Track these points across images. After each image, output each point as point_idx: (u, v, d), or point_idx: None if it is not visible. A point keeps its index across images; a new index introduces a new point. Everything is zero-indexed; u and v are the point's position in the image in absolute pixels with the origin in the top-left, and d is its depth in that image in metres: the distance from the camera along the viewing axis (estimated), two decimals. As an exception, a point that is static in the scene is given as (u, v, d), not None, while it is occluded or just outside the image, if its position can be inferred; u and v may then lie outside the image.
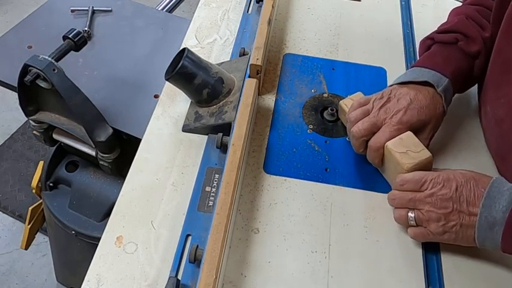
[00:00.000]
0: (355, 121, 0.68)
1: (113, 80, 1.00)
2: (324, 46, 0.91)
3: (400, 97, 0.68)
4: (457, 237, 0.59)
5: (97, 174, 1.04)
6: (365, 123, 0.67)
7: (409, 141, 0.65)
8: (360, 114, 0.69)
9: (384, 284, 0.60)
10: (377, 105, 0.69)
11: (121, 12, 1.15)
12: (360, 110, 0.69)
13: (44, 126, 0.96)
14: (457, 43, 0.74)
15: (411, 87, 0.70)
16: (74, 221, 1.03)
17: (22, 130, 1.95)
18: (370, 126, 0.67)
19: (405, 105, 0.67)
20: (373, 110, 0.68)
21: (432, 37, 0.77)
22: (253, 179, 0.69)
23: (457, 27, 0.74)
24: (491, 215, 0.57)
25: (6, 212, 1.71)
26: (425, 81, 0.70)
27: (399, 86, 0.71)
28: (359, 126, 0.67)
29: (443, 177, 0.60)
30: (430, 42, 0.77)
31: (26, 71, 0.81)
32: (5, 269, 1.59)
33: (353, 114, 0.69)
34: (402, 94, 0.69)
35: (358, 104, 0.71)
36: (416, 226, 0.61)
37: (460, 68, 0.73)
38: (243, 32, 0.92)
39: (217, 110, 0.75)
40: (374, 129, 0.67)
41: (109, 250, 0.60)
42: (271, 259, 0.61)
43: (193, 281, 0.57)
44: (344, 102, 0.74)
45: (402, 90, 0.69)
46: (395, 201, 0.63)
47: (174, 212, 0.64)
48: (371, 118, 0.68)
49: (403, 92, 0.69)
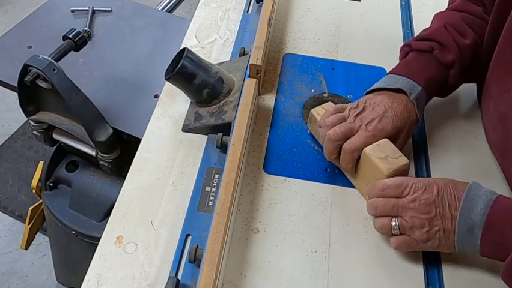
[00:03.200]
0: (331, 125, 0.68)
1: (113, 80, 1.00)
2: (324, 46, 0.91)
3: (375, 106, 0.69)
4: (440, 243, 0.59)
5: (97, 174, 1.04)
6: (342, 127, 0.67)
7: (387, 147, 0.65)
8: (337, 120, 0.68)
9: (384, 284, 0.60)
10: (353, 114, 0.69)
11: (121, 12, 1.15)
12: (336, 116, 0.69)
13: (44, 126, 0.96)
14: (432, 52, 0.74)
15: (386, 94, 0.71)
16: (74, 221, 1.03)
17: (22, 130, 1.95)
18: (346, 131, 0.67)
19: (380, 113, 0.68)
20: (349, 118, 0.69)
21: (410, 44, 0.77)
22: (253, 179, 0.69)
23: (434, 36, 0.74)
24: (470, 218, 0.57)
25: (6, 212, 1.71)
26: (398, 88, 0.70)
27: (374, 95, 0.71)
28: (336, 130, 0.67)
29: (424, 182, 0.60)
30: (408, 49, 0.77)
31: (26, 71, 0.81)
32: (5, 269, 1.59)
33: (328, 119, 0.69)
34: (376, 103, 0.69)
35: (334, 110, 0.70)
36: (400, 235, 0.60)
37: (433, 77, 0.73)
38: (243, 32, 0.93)
39: (217, 110, 0.75)
40: (350, 134, 0.67)
41: (109, 250, 0.60)
42: (271, 259, 0.61)
43: (193, 281, 0.57)
44: (316, 111, 0.73)
45: (377, 99, 0.70)
46: (378, 210, 0.61)
47: (174, 212, 0.64)
48: (347, 124, 0.68)
49: (378, 101, 0.69)
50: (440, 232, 0.58)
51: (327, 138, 0.67)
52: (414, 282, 0.60)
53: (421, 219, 0.58)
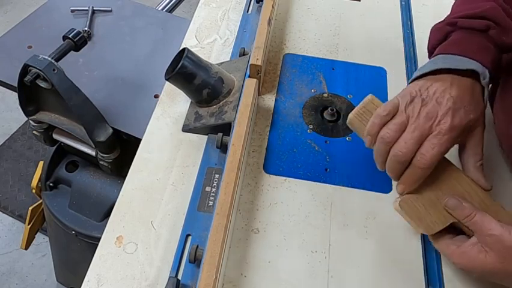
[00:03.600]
0: (392, 141, 0.55)
1: (113, 80, 1.00)
2: (324, 46, 0.91)
3: (438, 96, 0.55)
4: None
5: (97, 174, 1.05)
6: (409, 142, 0.54)
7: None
8: (396, 131, 0.55)
9: (384, 284, 0.60)
10: (413, 113, 0.55)
11: (121, 12, 1.15)
12: (394, 125, 0.55)
13: (44, 126, 0.96)
14: (488, 31, 0.62)
15: (445, 80, 0.57)
16: (74, 221, 1.03)
17: (22, 130, 1.95)
18: (416, 143, 0.54)
19: (450, 105, 0.54)
20: (410, 121, 0.55)
21: (455, 22, 0.65)
22: (253, 179, 0.69)
23: (488, 14, 0.62)
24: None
25: (6, 212, 1.71)
26: (470, 70, 0.58)
27: (427, 81, 0.57)
28: (403, 149, 0.54)
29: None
30: (450, 28, 0.65)
31: (26, 71, 0.81)
32: (5, 269, 1.59)
33: (387, 133, 0.55)
34: (438, 91, 0.56)
35: (384, 114, 0.57)
36: None
37: (494, 60, 0.61)
38: (243, 32, 0.92)
39: (217, 110, 0.75)
40: (420, 144, 0.54)
41: (109, 250, 0.60)
42: (271, 259, 0.61)
43: (193, 281, 0.57)
44: (358, 114, 0.60)
45: (435, 87, 0.56)
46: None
47: (174, 212, 0.64)
48: (414, 133, 0.54)
49: (438, 89, 0.56)
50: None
51: (395, 159, 0.55)
52: (415, 282, 0.60)
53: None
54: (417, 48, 0.91)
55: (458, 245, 0.54)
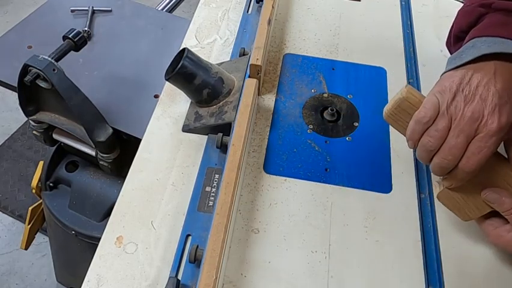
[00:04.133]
0: (436, 149, 0.52)
1: (113, 80, 1.00)
2: (324, 46, 0.91)
3: (482, 91, 0.50)
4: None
5: (97, 174, 1.04)
6: (453, 149, 0.50)
7: None
8: (439, 138, 0.51)
9: (384, 284, 0.60)
10: (456, 113, 0.50)
11: (121, 12, 1.15)
12: (436, 132, 0.51)
13: (44, 126, 0.96)
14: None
15: (487, 69, 0.52)
16: (74, 221, 1.03)
17: (22, 130, 1.95)
18: (462, 149, 0.51)
19: (496, 102, 0.49)
20: (454, 123, 0.50)
21: (489, 4, 0.59)
22: (253, 179, 0.69)
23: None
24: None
25: (6, 212, 1.71)
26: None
27: (466, 72, 0.52)
28: (448, 156, 0.51)
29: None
30: (483, 10, 0.60)
31: (26, 71, 0.81)
32: (5, 269, 1.59)
33: (429, 142, 0.52)
34: (481, 85, 0.50)
35: (424, 123, 0.53)
36: None
37: None
38: (243, 32, 0.93)
39: (217, 110, 0.75)
40: (465, 148, 0.51)
41: (109, 250, 0.60)
42: (271, 259, 0.61)
43: (193, 281, 0.57)
44: (392, 114, 0.56)
45: (477, 79, 0.51)
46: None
47: (174, 212, 0.64)
48: (459, 138, 0.50)
49: (481, 81, 0.51)
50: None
51: (439, 166, 0.53)
52: (414, 282, 0.60)
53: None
54: (417, 48, 0.91)
55: (496, 226, 0.57)
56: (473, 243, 0.64)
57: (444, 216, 0.66)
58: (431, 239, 0.64)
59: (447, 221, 0.66)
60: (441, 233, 0.65)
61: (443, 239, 0.64)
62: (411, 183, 0.70)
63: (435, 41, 0.93)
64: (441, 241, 0.64)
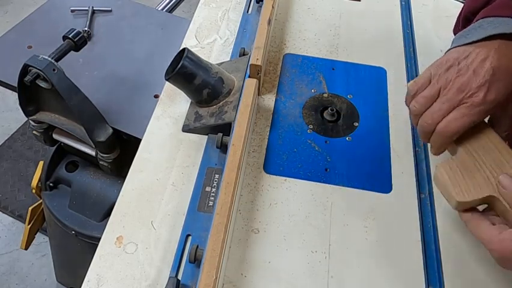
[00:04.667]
0: (419, 114, 0.54)
1: (113, 80, 1.00)
2: (324, 46, 0.91)
3: (476, 65, 0.51)
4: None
5: (97, 174, 1.04)
6: (436, 113, 0.52)
7: None
8: (423, 104, 0.54)
9: (384, 284, 0.60)
10: (446, 83, 0.52)
11: (121, 12, 1.15)
12: (421, 98, 0.54)
13: (44, 126, 0.96)
14: None
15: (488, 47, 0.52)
16: (74, 221, 1.03)
17: (22, 130, 1.95)
18: (443, 115, 0.52)
19: (488, 78, 0.50)
20: (442, 92, 0.52)
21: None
22: (253, 179, 0.69)
23: None
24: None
25: (6, 212, 1.71)
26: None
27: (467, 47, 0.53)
28: (428, 120, 0.52)
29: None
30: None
31: (26, 71, 0.81)
32: (5, 269, 1.59)
33: (414, 106, 0.54)
34: (477, 60, 0.51)
35: (413, 92, 0.55)
36: None
37: None
38: (243, 32, 0.93)
39: (217, 110, 0.75)
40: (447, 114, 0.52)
41: (109, 250, 0.60)
42: (271, 259, 0.61)
43: (193, 281, 0.57)
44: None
45: (475, 54, 0.51)
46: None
47: (174, 212, 0.64)
48: (443, 105, 0.52)
49: (478, 57, 0.51)
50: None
51: (421, 129, 0.55)
52: (414, 282, 0.60)
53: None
54: (417, 48, 0.91)
55: (499, 231, 0.49)
56: (473, 243, 0.64)
57: (444, 216, 0.66)
58: (431, 239, 0.64)
59: (447, 221, 0.66)
60: (441, 233, 0.65)
61: (443, 239, 0.64)
62: (411, 183, 0.70)
63: (435, 41, 0.93)
64: (441, 241, 0.64)
